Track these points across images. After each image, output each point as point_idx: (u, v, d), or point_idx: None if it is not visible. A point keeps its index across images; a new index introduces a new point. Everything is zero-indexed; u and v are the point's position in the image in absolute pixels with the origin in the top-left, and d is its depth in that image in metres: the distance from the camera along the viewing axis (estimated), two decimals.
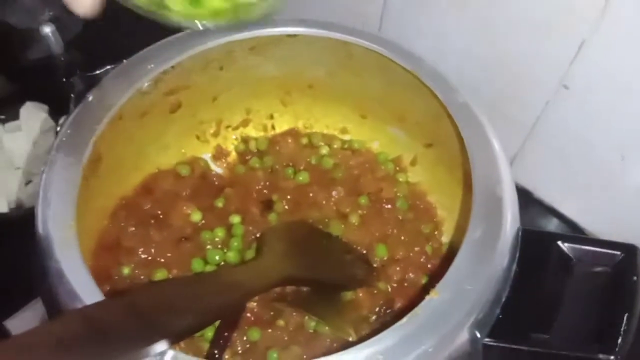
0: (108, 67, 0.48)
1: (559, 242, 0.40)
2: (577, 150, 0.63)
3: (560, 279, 0.39)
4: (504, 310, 0.38)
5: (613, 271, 0.39)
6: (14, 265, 0.62)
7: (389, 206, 0.57)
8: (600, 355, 0.35)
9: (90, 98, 0.45)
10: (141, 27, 0.46)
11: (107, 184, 0.51)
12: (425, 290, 0.52)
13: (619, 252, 0.39)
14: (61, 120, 0.44)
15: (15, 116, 0.75)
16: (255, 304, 0.50)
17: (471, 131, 0.46)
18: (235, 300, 0.42)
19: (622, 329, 0.36)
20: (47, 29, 0.43)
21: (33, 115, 0.75)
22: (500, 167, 0.44)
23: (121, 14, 0.45)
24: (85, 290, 0.37)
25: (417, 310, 0.36)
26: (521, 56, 0.59)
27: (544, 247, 0.41)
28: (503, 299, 0.39)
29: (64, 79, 0.46)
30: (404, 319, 0.36)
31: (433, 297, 0.37)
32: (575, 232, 0.68)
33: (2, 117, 0.75)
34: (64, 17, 0.85)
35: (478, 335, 0.37)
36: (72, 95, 0.46)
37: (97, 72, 0.47)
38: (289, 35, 0.53)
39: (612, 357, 0.35)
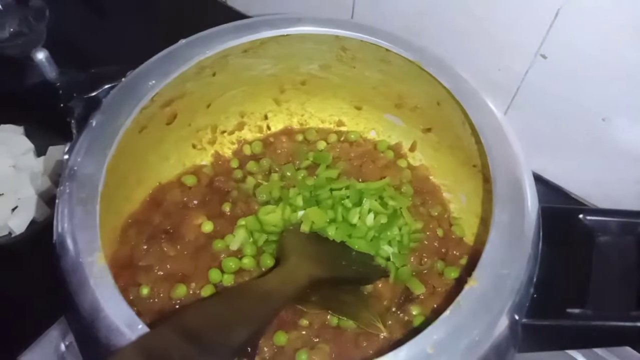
0: (106, 86, 0.46)
1: (580, 216, 0.42)
2: (559, 116, 0.64)
3: (586, 252, 0.41)
4: (538, 289, 0.39)
5: (637, 239, 0.40)
6: (15, 296, 0.61)
7: None
8: None
9: (94, 123, 0.44)
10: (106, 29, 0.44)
11: (112, 203, 0.50)
12: (441, 274, 0.53)
13: None
14: (66, 148, 0.42)
15: None
16: None
17: (481, 117, 0.47)
18: (274, 308, 0.42)
19: None
20: (41, 55, 0.41)
21: (10, 139, 0.73)
22: (515, 149, 0.45)
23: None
24: (127, 322, 0.36)
25: (459, 300, 0.37)
26: (500, 25, 0.60)
27: (566, 222, 0.42)
28: (535, 279, 0.40)
29: (62, 105, 0.44)
30: (447, 311, 0.37)
31: (472, 286, 0.38)
32: (561, 198, 0.70)
33: None
34: (25, 30, 0.82)
35: (517, 317, 0.38)
36: (72, 120, 0.45)
37: (95, 93, 0.46)
38: (283, 35, 0.52)
39: None
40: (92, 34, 0.78)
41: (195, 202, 0.56)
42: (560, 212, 0.43)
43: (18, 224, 0.67)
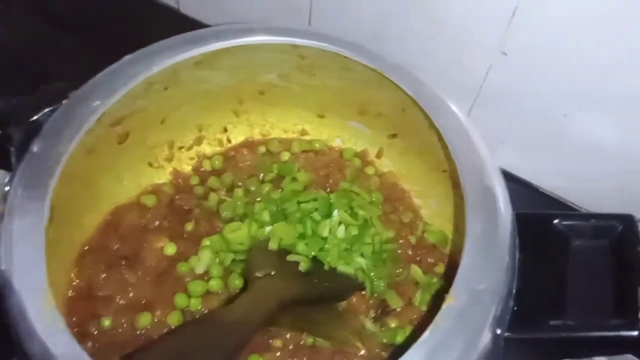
0: (46, 110, 0.43)
1: (555, 221, 0.40)
2: (523, 113, 0.63)
3: (563, 258, 0.39)
4: (517, 301, 0.38)
5: (614, 244, 0.39)
6: None
7: None
8: (623, 332, 0.35)
9: (36, 149, 0.40)
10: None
11: (64, 233, 0.46)
12: (416, 284, 0.52)
13: (617, 224, 0.39)
14: (6, 179, 0.39)
15: None
16: None
17: (446, 122, 0.45)
18: (243, 337, 0.40)
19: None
20: None
21: None
22: (482, 154, 0.43)
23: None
24: None
25: (438, 320, 0.35)
26: (459, 25, 0.59)
27: (541, 229, 0.41)
28: (514, 290, 0.38)
29: None
30: (427, 333, 0.35)
31: (450, 304, 0.36)
32: (532, 193, 0.69)
33: None
34: None
35: (498, 331, 0.36)
36: (11, 148, 0.41)
37: (36, 117, 0.42)
38: (236, 46, 0.50)
39: (635, 332, 0.35)
40: (42, 50, 0.74)
41: (156, 223, 0.54)
42: (534, 218, 0.41)
43: None
